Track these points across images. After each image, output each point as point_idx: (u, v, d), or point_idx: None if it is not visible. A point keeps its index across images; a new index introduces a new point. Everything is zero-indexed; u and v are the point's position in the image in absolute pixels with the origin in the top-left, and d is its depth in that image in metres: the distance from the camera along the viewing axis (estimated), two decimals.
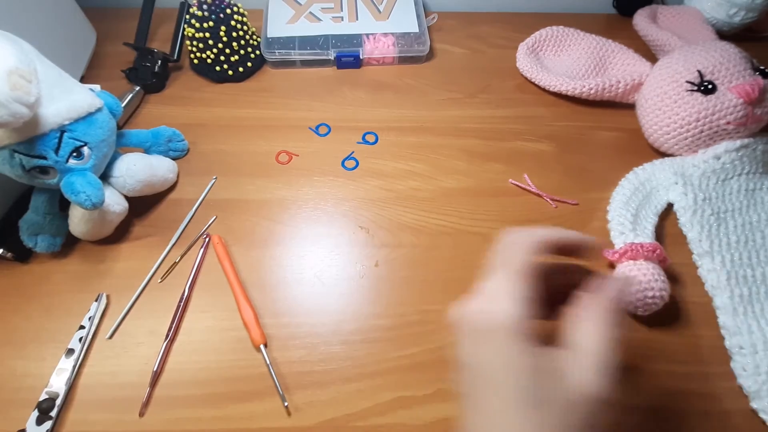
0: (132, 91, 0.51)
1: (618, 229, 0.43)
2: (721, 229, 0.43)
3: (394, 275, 0.42)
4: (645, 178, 0.47)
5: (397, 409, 0.36)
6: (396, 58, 0.57)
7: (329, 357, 0.38)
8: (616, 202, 0.45)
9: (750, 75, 0.44)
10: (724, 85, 0.44)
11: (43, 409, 0.34)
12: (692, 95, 0.45)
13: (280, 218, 0.45)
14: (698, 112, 0.45)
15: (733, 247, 0.43)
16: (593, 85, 0.51)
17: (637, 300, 0.38)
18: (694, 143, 0.46)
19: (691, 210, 0.44)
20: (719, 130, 0.45)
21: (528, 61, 0.56)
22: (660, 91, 0.47)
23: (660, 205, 0.45)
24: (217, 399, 0.36)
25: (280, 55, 0.55)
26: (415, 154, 0.50)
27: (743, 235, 0.43)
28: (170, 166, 0.46)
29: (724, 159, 0.45)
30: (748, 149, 0.45)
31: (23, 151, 0.35)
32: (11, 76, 0.30)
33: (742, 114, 0.43)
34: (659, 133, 0.48)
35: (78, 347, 0.37)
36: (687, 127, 0.45)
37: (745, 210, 0.45)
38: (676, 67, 0.47)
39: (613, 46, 0.55)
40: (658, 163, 0.48)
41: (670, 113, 0.46)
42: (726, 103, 0.44)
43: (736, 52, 0.45)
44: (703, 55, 0.46)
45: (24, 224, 0.40)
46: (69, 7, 0.53)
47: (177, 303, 0.39)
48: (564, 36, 0.57)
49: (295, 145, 0.50)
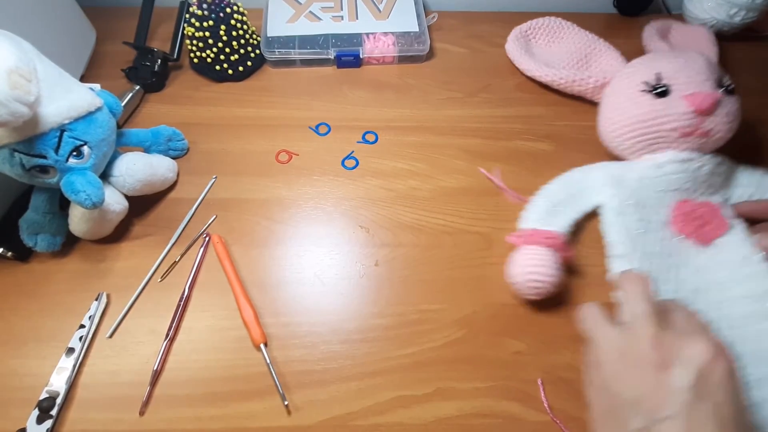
0: (132, 90, 0.51)
1: (529, 216, 0.43)
2: (642, 238, 0.42)
3: (393, 275, 0.42)
4: (579, 178, 0.46)
5: (396, 408, 0.36)
6: (396, 58, 0.57)
7: (329, 356, 0.38)
8: (540, 193, 0.45)
9: (710, 87, 0.42)
10: (678, 92, 0.42)
11: (43, 408, 0.34)
12: (644, 96, 0.44)
13: (280, 218, 0.45)
14: (646, 113, 0.43)
15: (650, 258, 0.41)
16: (564, 76, 0.51)
17: (522, 282, 0.39)
18: (639, 145, 0.45)
19: (615, 212, 0.43)
20: (664, 136, 0.43)
21: (516, 45, 0.56)
22: (617, 88, 0.47)
23: (587, 205, 0.44)
24: (217, 398, 0.36)
25: (280, 54, 0.55)
26: (415, 153, 0.50)
27: (665, 249, 0.42)
28: (170, 165, 0.46)
29: (665, 169, 0.43)
30: (693, 165, 0.43)
31: (23, 150, 0.35)
32: (11, 75, 0.30)
33: (689, 123, 0.42)
34: (608, 131, 0.47)
35: (78, 346, 0.37)
36: (632, 126, 0.44)
37: None
38: (639, 68, 0.46)
39: (601, 45, 0.54)
40: (597, 165, 0.47)
41: (620, 111, 0.45)
42: (675, 109, 0.42)
43: (705, 64, 0.44)
44: (669, 59, 0.45)
45: (24, 223, 0.40)
46: (69, 6, 0.53)
47: (177, 302, 0.40)
48: (558, 27, 0.57)
49: (295, 144, 0.50)
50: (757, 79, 0.58)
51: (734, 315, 0.38)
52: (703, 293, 0.40)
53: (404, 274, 0.42)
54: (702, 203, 0.43)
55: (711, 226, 0.42)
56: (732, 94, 0.43)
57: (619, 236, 0.42)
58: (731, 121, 0.43)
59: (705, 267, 0.41)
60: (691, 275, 0.41)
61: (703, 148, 0.43)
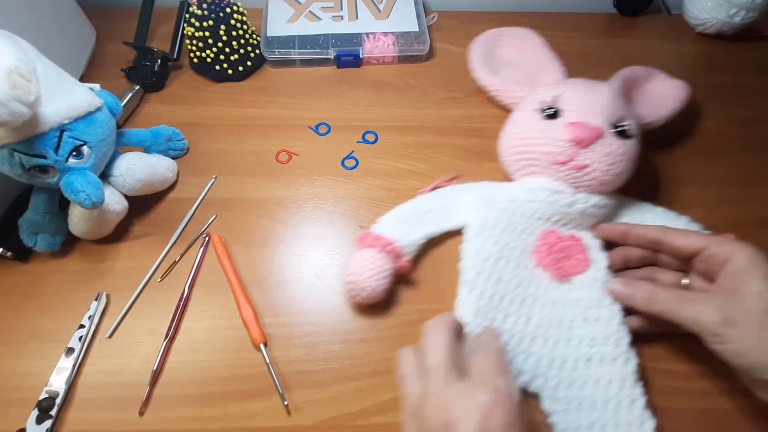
0: (132, 90, 0.51)
1: (385, 219, 0.42)
2: (498, 263, 0.39)
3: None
4: (449, 194, 0.45)
5: (397, 408, 0.36)
6: (396, 58, 0.57)
7: (329, 356, 0.38)
8: (412, 199, 0.44)
9: (599, 122, 0.39)
10: (565, 118, 0.40)
11: (43, 408, 0.34)
12: (534, 114, 0.42)
13: (280, 217, 0.45)
14: (526, 131, 0.42)
15: (500, 284, 0.39)
16: (495, 82, 0.51)
17: (343, 282, 0.39)
18: (518, 164, 0.43)
19: (475, 234, 0.41)
20: (539, 159, 0.41)
21: (479, 45, 0.55)
22: (521, 105, 0.45)
23: (452, 222, 0.43)
24: (217, 398, 0.36)
25: (280, 54, 0.55)
26: (415, 153, 0.50)
27: (520, 279, 0.40)
28: (170, 165, 0.46)
29: (536, 195, 0.41)
30: (564, 198, 0.40)
31: (23, 150, 0.35)
32: (11, 75, 0.30)
33: (562, 150, 0.40)
34: (500, 144, 0.46)
35: (78, 346, 0.37)
36: (514, 141, 0.43)
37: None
38: (547, 88, 0.44)
39: (555, 67, 0.49)
40: (480, 183, 0.46)
41: (511, 126, 0.45)
42: (554, 133, 0.40)
43: (608, 99, 0.41)
44: (576, 85, 0.43)
45: (24, 223, 0.40)
46: (68, 6, 0.53)
47: (177, 302, 0.39)
48: (526, 39, 0.54)
49: (294, 144, 0.50)
50: (757, 78, 0.58)
51: (571, 356, 0.37)
52: (549, 328, 0.38)
53: (404, 274, 0.42)
54: (569, 237, 0.41)
55: (572, 261, 0.40)
56: (626, 138, 0.40)
57: (471, 261, 0.40)
58: (612, 164, 0.40)
59: (557, 302, 0.39)
60: (541, 308, 0.39)
61: (578, 184, 0.41)
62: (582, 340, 0.37)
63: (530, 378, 0.36)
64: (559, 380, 0.36)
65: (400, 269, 0.40)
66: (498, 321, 0.38)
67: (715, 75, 0.58)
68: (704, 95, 0.55)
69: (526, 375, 0.36)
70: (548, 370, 0.36)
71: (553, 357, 0.37)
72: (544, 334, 0.38)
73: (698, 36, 0.63)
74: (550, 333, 0.38)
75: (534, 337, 0.38)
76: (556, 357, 0.37)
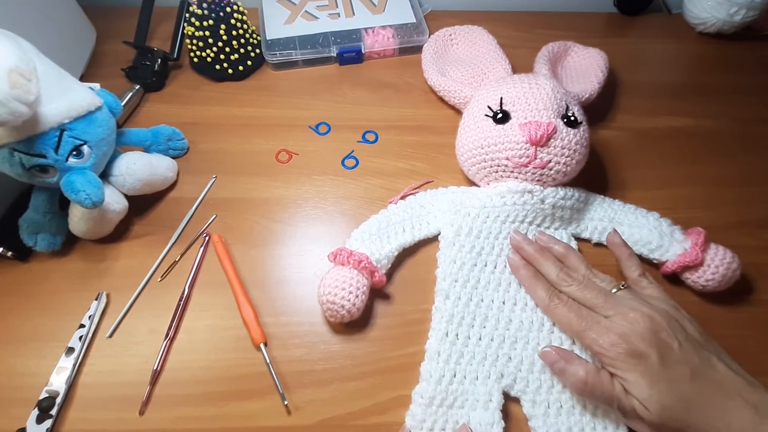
0: (132, 89, 0.51)
1: (357, 234, 0.41)
2: (475, 269, 0.40)
3: (394, 274, 0.42)
4: (424, 202, 0.44)
5: (397, 408, 0.36)
6: (396, 50, 0.57)
7: (329, 356, 0.38)
8: (382, 211, 0.43)
9: (548, 116, 0.40)
10: (516, 119, 0.41)
11: (43, 407, 0.34)
12: (486, 120, 0.42)
13: (280, 217, 0.45)
14: (483, 139, 0.42)
15: (477, 289, 0.39)
16: (441, 82, 0.51)
17: (321, 303, 0.37)
18: (483, 172, 0.43)
19: (448, 242, 0.41)
20: (502, 165, 0.41)
21: (431, 44, 0.55)
22: (469, 110, 0.45)
23: (424, 231, 0.42)
24: (217, 398, 0.36)
25: (282, 56, 0.55)
26: (415, 152, 0.50)
27: (498, 281, 0.40)
28: (170, 164, 0.46)
29: (506, 199, 0.41)
30: (534, 197, 0.41)
31: (23, 149, 0.35)
32: (11, 74, 0.30)
33: (522, 153, 0.40)
34: (458, 153, 0.45)
35: (78, 346, 0.37)
36: (474, 151, 0.43)
37: None
38: (489, 90, 0.44)
39: (502, 64, 0.49)
40: (450, 189, 0.45)
41: (466, 134, 0.44)
42: (510, 137, 0.40)
43: (550, 92, 0.41)
44: (514, 84, 0.43)
45: (24, 223, 0.40)
46: (68, 6, 0.53)
47: (177, 302, 0.39)
48: (477, 36, 0.54)
49: (294, 143, 0.50)
50: (757, 78, 0.58)
51: (527, 360, 0.37)
52: (529, 331, 0.38)
53: (405, 274, 0.42)
54: None
55: None
56: (577, 125, 0.41)
57: (447, 269, 0.40)
58: (570, 154, 0.40)
59: (525, 305, 0.39)
60: (521, 311, 0.39)
61: (544, 181, 0.41)
62: (562, 342, 0.37)
63: (511, 381, 0.36)
64: (539, 383, 0.36)
65: (376, 284, 0.39)
66: (477, 324, 0.38)
67: (715, 74, 0.58)
68: (704, 94, 0.55)
69: (507, 378, 0.36)
70: (529, 374, 0.36)
71: (534, 360, 0.37)
72: (525, 336, 0.38)
73: (698, 35, 0.63)
74: (531, 335, 0.38)
75: (515, 340, 0.38)
76: (536, 360, 0.36)
